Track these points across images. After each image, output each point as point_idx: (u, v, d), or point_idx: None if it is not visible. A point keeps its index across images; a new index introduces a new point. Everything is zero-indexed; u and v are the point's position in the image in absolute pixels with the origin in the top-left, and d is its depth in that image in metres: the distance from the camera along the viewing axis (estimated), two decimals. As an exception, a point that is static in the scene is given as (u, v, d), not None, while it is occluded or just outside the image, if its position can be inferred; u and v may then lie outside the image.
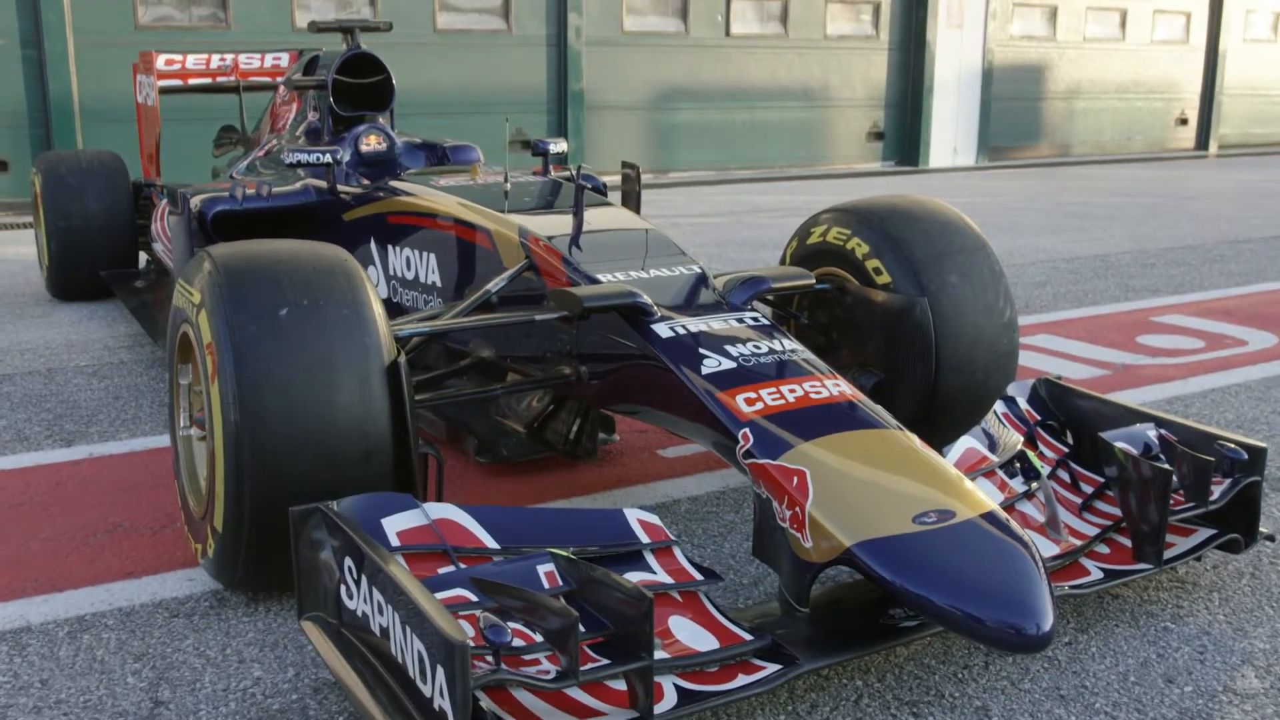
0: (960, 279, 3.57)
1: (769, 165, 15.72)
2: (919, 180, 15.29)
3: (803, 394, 2.78)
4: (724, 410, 2.73)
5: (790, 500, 2.50)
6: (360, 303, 2.82)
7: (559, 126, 14.23)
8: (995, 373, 3.61)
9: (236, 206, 4.50)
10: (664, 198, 13.00)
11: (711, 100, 15.22)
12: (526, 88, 13.92)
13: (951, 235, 3.67)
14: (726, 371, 2.84)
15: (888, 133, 16.56)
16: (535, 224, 3.56)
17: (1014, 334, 3.67)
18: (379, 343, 2.79)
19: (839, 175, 15.70)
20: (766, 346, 2.96)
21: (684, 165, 15.22)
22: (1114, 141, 19.05)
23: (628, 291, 3.02)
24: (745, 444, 2.64)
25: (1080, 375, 5.13)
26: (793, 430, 2.65)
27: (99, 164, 6.82)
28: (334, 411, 2.70)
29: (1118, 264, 8.23)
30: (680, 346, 2.93)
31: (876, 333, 3.64)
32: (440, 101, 13.02)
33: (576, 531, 2.57)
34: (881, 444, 2.65)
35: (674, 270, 3.34)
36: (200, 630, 2.84)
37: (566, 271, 3.31)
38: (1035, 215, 11.18)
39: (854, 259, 3.69)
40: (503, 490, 3.75)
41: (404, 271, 4.14)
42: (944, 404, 3.57)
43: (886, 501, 2.45)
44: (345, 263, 2.92)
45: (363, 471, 2.75)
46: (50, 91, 11.03)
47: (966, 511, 2.43)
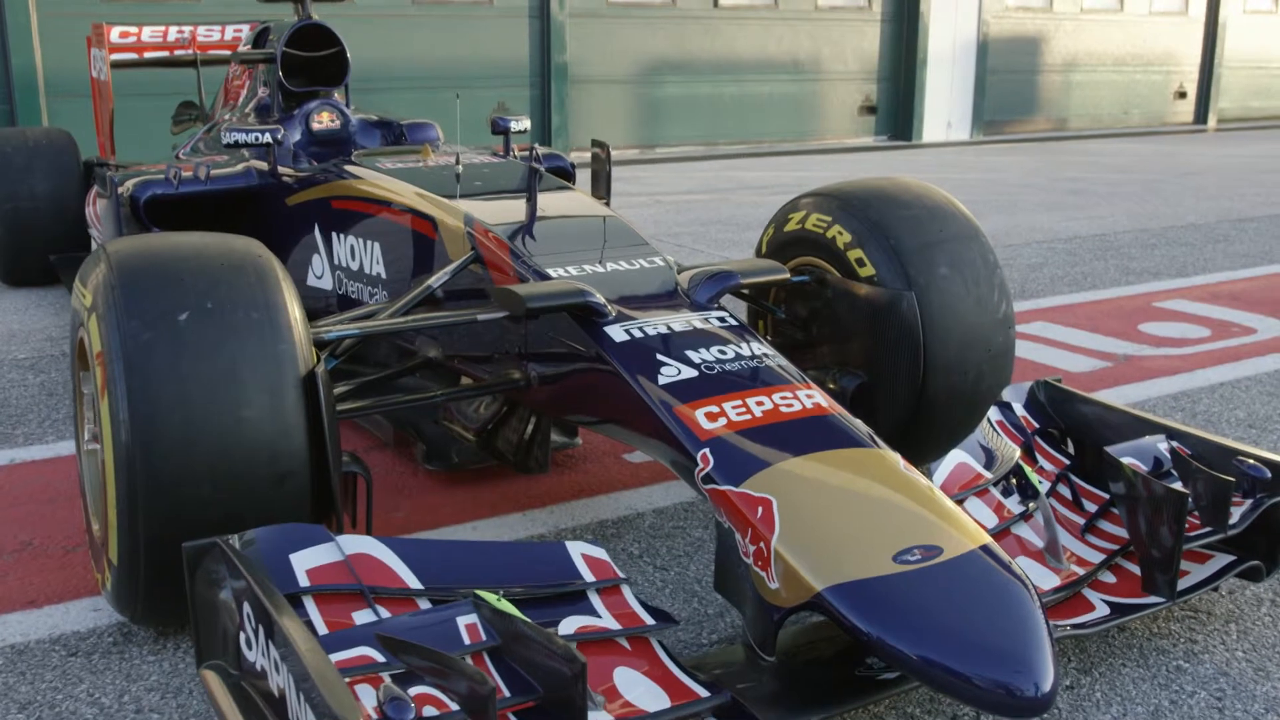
0: (950, 270, 3.25)
1: (758, 140, 15.36)
2: (912, 155, 14.95)
3: (771, 407, 2.47)
4: (682, 427, 2.41)
5: (754, 534, 2.19)
6: (273, 305, 2.50)
7: (542, 101, 13.86)
8: (989, 374, 3.30)
9: (171, 191, 4.16)
10: (649, 174, 12.66)
11: (699, 73, 14.84)
12: (508, 61, 13.53)
13: (941, 222, 3.34)
14: (686, 381, 2.52)
15: (880, 106, 16.19)
16: (484, 211, 3.23)
17: (1010, 331, 3.35)
18: (294, 350, 2.47)
19: (830, 150, 15.35)
20: (733, 351, 2.64)
21: (671, 140, 14.85)
22: (1111, 115, 18.68)
23: (577, 289, 2.70)
24: (705, 466, 2.33)
25: (1080, 368, 4.82)
26: (759, 451, 2.33)
27: (47, 142, 6.47)
28: (240, 430, 2.38)
29: (1118, 244, 7.91)
30: (635, 352, 2.62)
31: (859, 330, 3.32)
32: (418, 75, 12.64)
33: (511, 569, 2.25)
34: (860, 466, 2.34)
35: (634, 263, 3.02)
36: (98, 672, 2.54)
37: (514, 265, 2.98)
38: (1032, 192, 10.85)
39: (834, 248, 3.37)
40: (452, 501, 3.44)
41: (349, 261, 3.81)
42: (933, 408, 3.25)
43: (864, 536, 2.14)
44: (258, 259, 2.60)
45: (275, 497, 2.43)
46: (13, 65, 10.63)
47: (956, 546, 2.13)
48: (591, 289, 2.72)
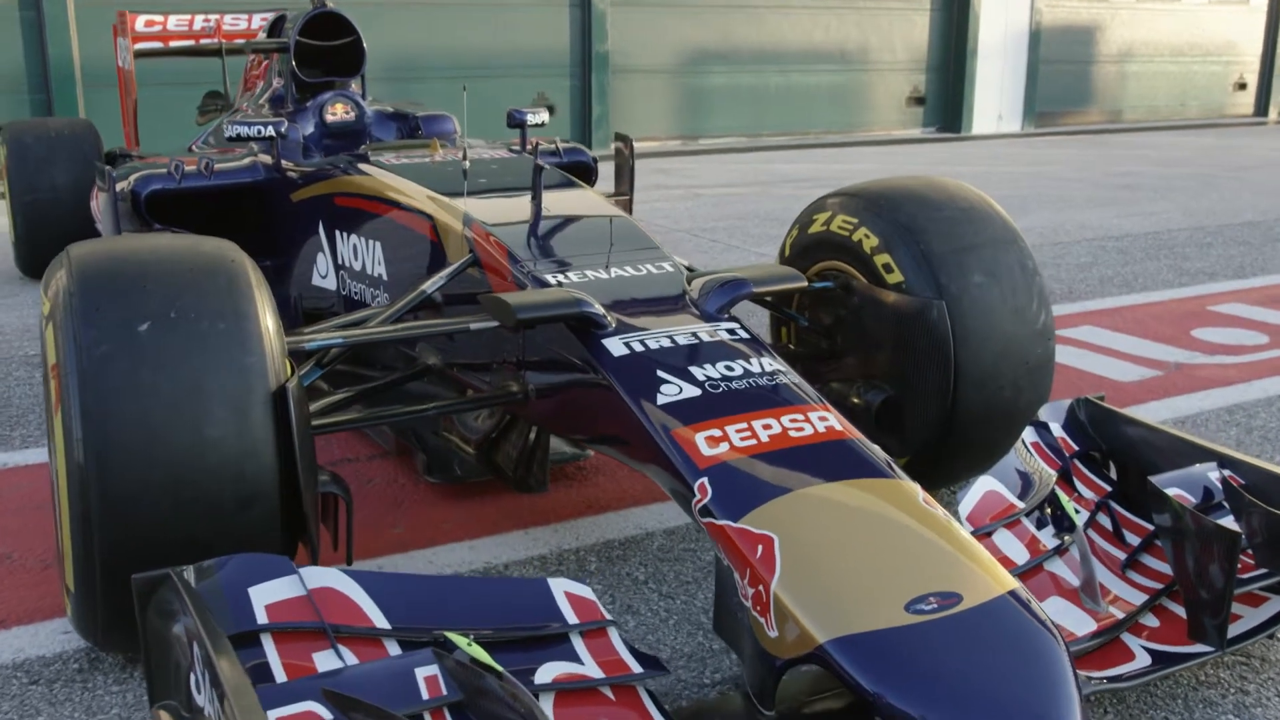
0: (985, 278, 3.02)
1: (804, 131, 15.08)
2: (961, 148, 14.59)
3: (779, 431, 2.25)
4: (680, 452, 2.21)
5: (753, 575, 1.98)
6: (242, 314, 2.32)
7: (583, 91, 13.68)
8: (1026, 389, 3.06)
9: (173, 185, 4.01)
10: (690, 166, 12.44)
11: (744, 63, 14.59)
12: (548, 50, 13.36)
13: (976, 225, 3.11)
14: (688, 401, 2.32)
15: (929, 98, 15.83)
16: (484, 211, 3.04)
17: (1049, 342, 3.11)
18: (263, 363, 2.29)
19: (877, 142, 15.04)
20: (741, 367, 2.43)
21: (715, 131, 14.62)
22: (1168, 107, 18.16)
23: (573, 299, 2.50)
24: (702, 497, 2.12)
25: (1127, 377, 4.55)
26: (762, 482, 2.12)
27: (69, 133, 6.37)
28: (203, 449, 2.21)
29: (1171, 242, 7.58)
30: (634, 367, 2.41)
31: (886, 340, 3.09)
32: (456, 65, 12.51)
33: (486, 608, 2.06)
34: (874, 499, 2.12)
35: (640, 269, 2.81)
36: (58, 703, 2.38)
37: (512, 270, 2.79)
38: (1083, 187, 10.50)
39: (861, 252, 3.14)
40: (452, 516, 3.26)
41: (352, 261, 3.64)
42: (965, 427, 3.02)
43: (874, 581, 1.93)
44: (231, 264, 2.42)
45: (242, 522, 2.26)
46: (50, 55, 10.62)
47: (977, 593, 1.90)
48: (589, 298, 2.52)
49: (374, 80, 12.77)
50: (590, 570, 2.94)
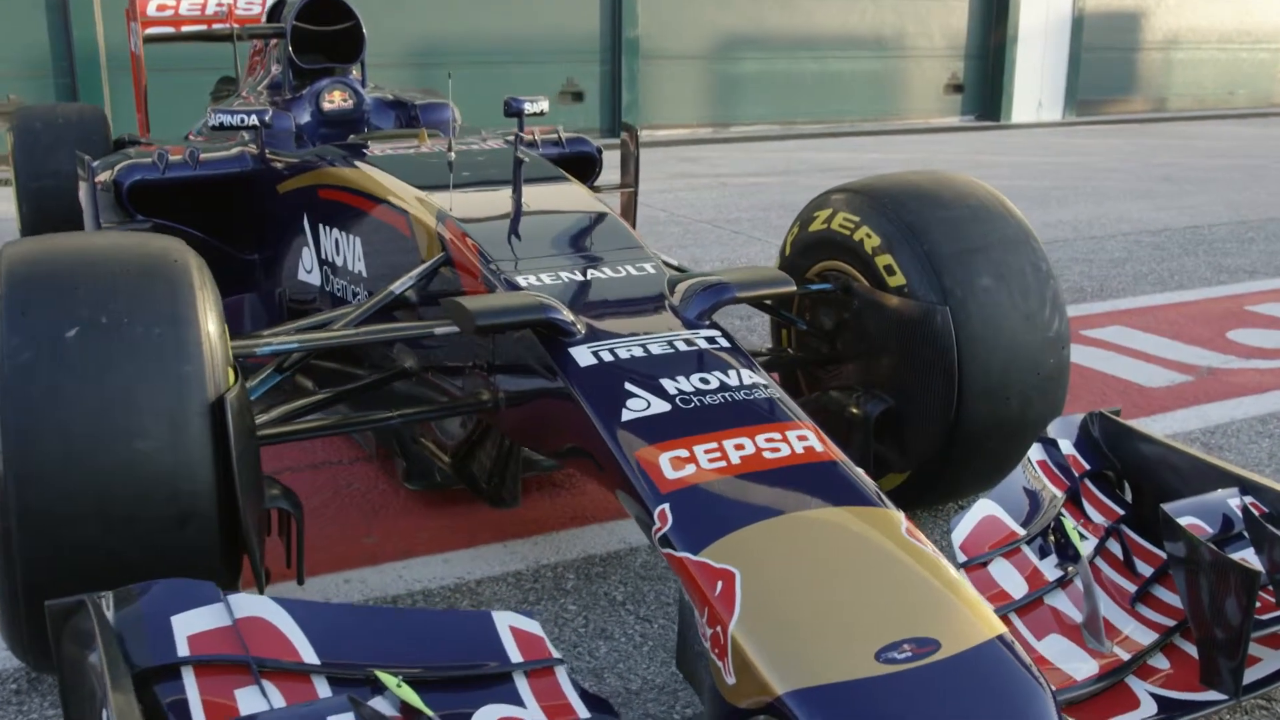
0: (994, 281, 2.82)
1: (838, 119, 14.78)
2: (999, 136, 14.26)
3: (753, 452, 2.07)
4: (641, 474, 2.03)
5: (711, 614, 1.80)
6: (181, 319, 2.16)
7: (612, 77, 13.47)
8: (1037, 401, 2.86)
9: (157, 175, 3.87)
10: (720, 154, 12.22)
11: (777, 49, 14.31)
12: (577, 35, 13.16)
13: (986, 225, 2.91)
14: (655, 417, 2.14)
15: (967, 85, 15.48)
16: (460, 206, 2.87)
17: (1063, 351, 2.91)
18: (202, 371, 2.14)
19: (914, 130, 14.72)
20: (717, 380, 2.25)
21: (746, 119, 14.36)
22: (1215, 95, 17.66)
23: (538, 304, 2.33)
24: (662, 526, 1.95)
25: (1155, 382, 4.32)
26: (728, 508, 1.95)
27: (77, 119, 6.25)
28: (134, 464, 2.06)
29: (1211, 237, 7.29)
30: (600, 378, 2.24)
31: (888, 346, 2.91)
32: (482, 50, 12.35)
33: (424, 642, 1.90)
34: (851, 530, 1.93)
35: (619, 270, 2.64)
36: (-11, 727, 2.25)
37: (482, 270, 2.62)
38: (1123, 178, 10.18)
39: (862, 253, 2.95)
40: (428, 526, 3.10)
41: (334, 256, 3.49)
42: (970, 440, 2.83)
43: (843, 625, 1.75)
44: (173, 265, 2.27)
45: (176, 542, 2.11)
46: (75, 39, 10.56)
47: (958, 639, 1.72)
48: (556, 303, 2.35)
49: (397, 66, 12.72)
50: (567, 589, 2.78)
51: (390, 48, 12.02)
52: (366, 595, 2.76)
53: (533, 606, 2.69)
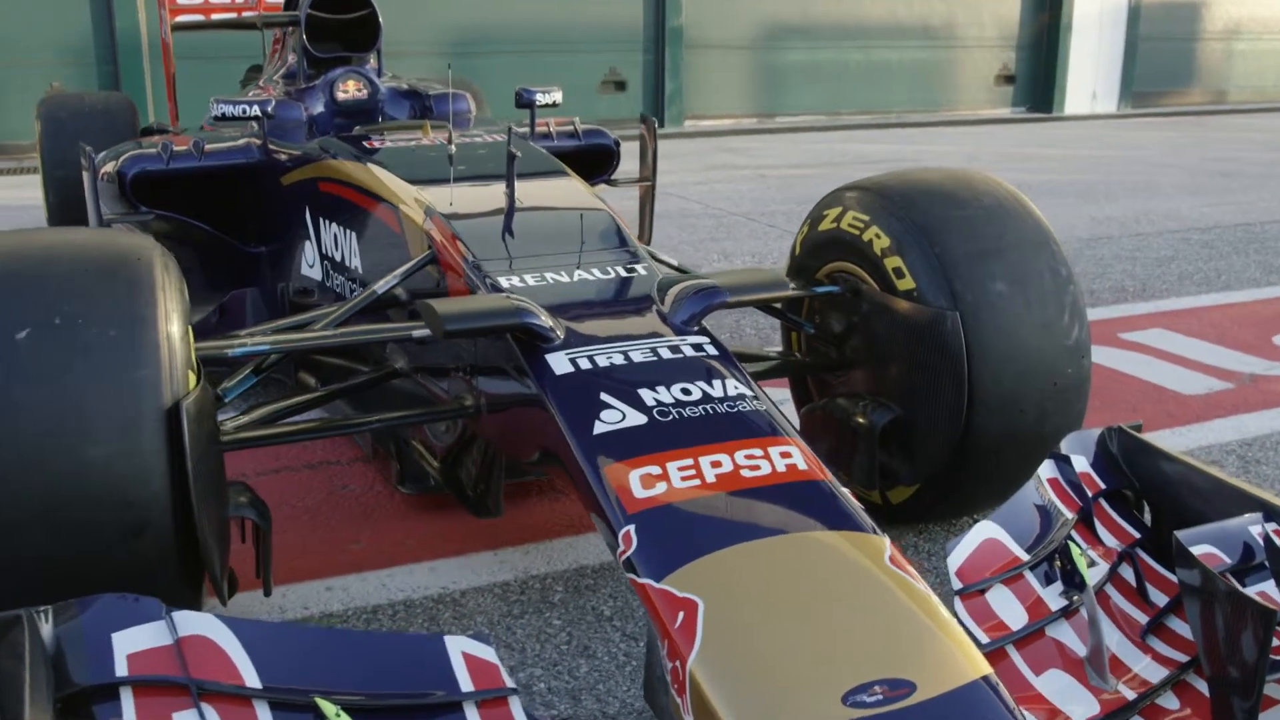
0: (1009, 286, 2.67)
1: (885, 110, 14.54)
2: (1051, 129, 13.95)
3: (730, 470, 1.95)
4: (609, 492, 1.92)
5: (671, 647, 1.68)
6: (139, 320, 2.08)
7: (656, 66, 13.33)
8: (1054, 413, 2.71)
9: (161, 166, 3.80)
10: (763, 145, 12.04)
11: (824, 38, 14.10)
12: (620, 24, 13.03)
13: (1001, 226, 2.75)
14: (630, 430, 2.02)
15: (1019, 76, 15.16)
16: (450, 202, 2.77)
17: (1083, 360, 2.75)
18: (158, 376, 2.05)
19: (963, 122, 14.43)
20: (700, 391, 2.13)
21: (792, 109, 14.17)
22: (1277, 87, 17.17)
23: (513, 308, 2.21)
24: (626, 548, 1.83)
25: (1192, 389, 4.12)
26: (697, 531, 1.82)
27: (103, 107, 6.24)
28: (84, 472, 1.97)
29: (1263, 235, 7.02)
30: (575, 387, 2.12)
31: (896, 353, 2.76)
32: (522, 39, 12.26)
33: (372, 668, 1.80)
34: (829, 557, 1.80)
35: (608, 271, 2.52)
36: (-56, 738, 2.18)
37: (465, 269, 2.52)
38: (1175, 173, 9.88)
39: (871, 254, 2.81)
40: (418, 532, 3.01)
41: (333, 251, 3.40)
42: (981, 454, 2.68)
43: (811, 662, 1.62)
44: (135, 263, 2.18)
45: (128, 552, 2.03)
46: (117, 28, 10.61)
47: (936, 681, 1.59)
48: (533, 307, 2.24)
49: (437, 55, 12.67)
50: (554, 601, 2.67)
51: (430, 36, 11.98)
52: (347, 605, 2.66)
53: (516, 620, 2.59)
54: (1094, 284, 5.69)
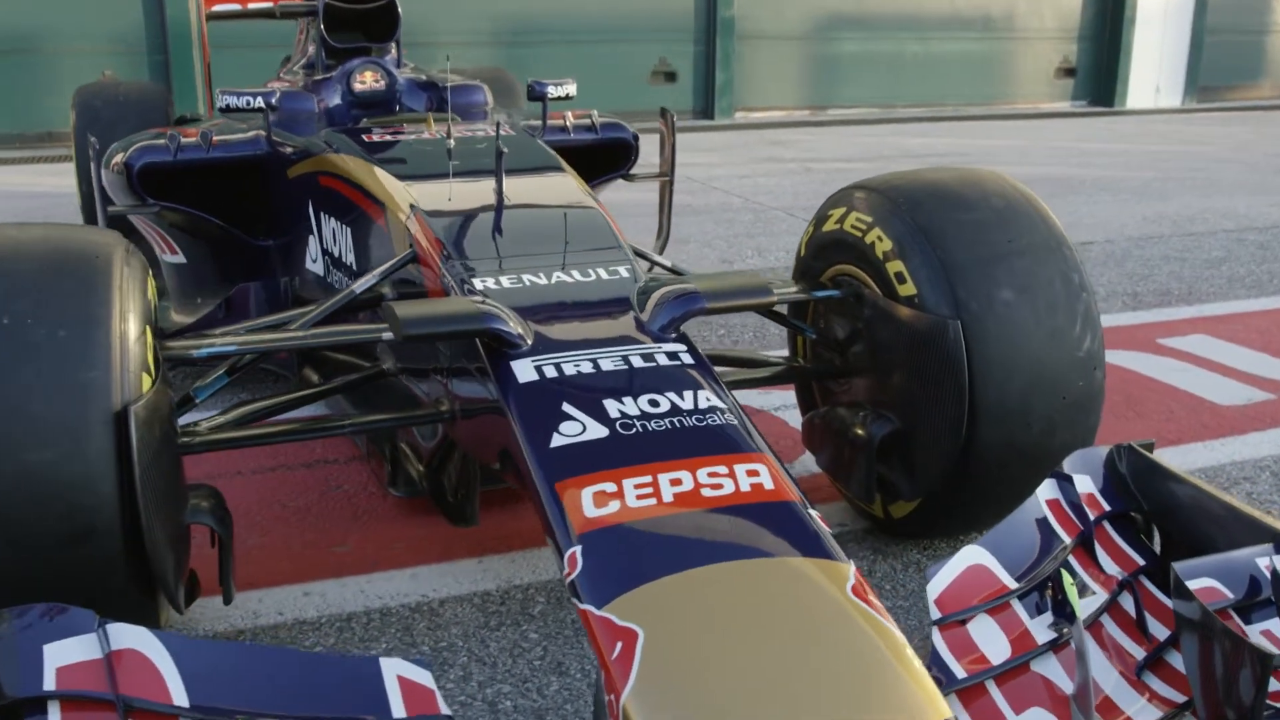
0: (1016, 294, 2.53)
1: (941, 103, 14.26)
2: (1112, 123, 13.59)
3: (691, 488, 1.84)
4: (558, 510, 1.82)
5: (608, 679, 1.59)
6: (91, 319, 2.02)
7: (707, 57, 13.18)
8: (1062, 428, 2.57)
9: (168, 159, 3.76)
10: (812, 138, 11.85)
11: (879, 29, 13.86)
12: (671, 13, 12.90)
13: (1011, 230, 2.61)
14: (589, 444, 1.92)
15: (1080, 68, 14.79)
16: (435, 199, 2.69)
17: (1095, 373, 2.60)
18: (107, 378, 1.99)
19: (1021, 116, 14.11)
20: (669, 402, 2.02)
21: (845, 101, 13.95)
22: (1352, 82, 16.61)
23: (478, 312, 2.12)
24: (571, 571, 1.73)
25: (1230, 399, 3.94)
26: (646, 555, 1.72)
27: (138, 97, 6.24)
28: (26, 477, 1.92)
29: (1324, 237, 6.75)
30: (537, 397, 2.03)
31: (898, 362, 2.64)
32: (571, 29, 12.17)
33: (302, 689, 1.72)
34: (785, 586, 1.69)
35: (589, 273, 2.42)
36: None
37: (442, 269, 2.43)
38: (1237, 170, 9.55)
39: (873, 257, 2.68)
40: (406, 536, 2.94)
41: (331, 246, 3.34)
42: (983, 469, 2.55)
43: (752, 701, 1.51)
44: (93, 261, 2.12)
45: (73, 560, 1.97)
46: (168, 16, 10.68)
47: (890, 726, 1.48)
48: (501, 311, 2.15)
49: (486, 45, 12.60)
50: (533, 613, 2.58)
51: (479, 25, 11.94)
52: (322, 612, 2.60)
53: (491, 633, 2.50)
54: (1137, 286, 5.49)
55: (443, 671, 2.36)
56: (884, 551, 2.87)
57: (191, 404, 2.46)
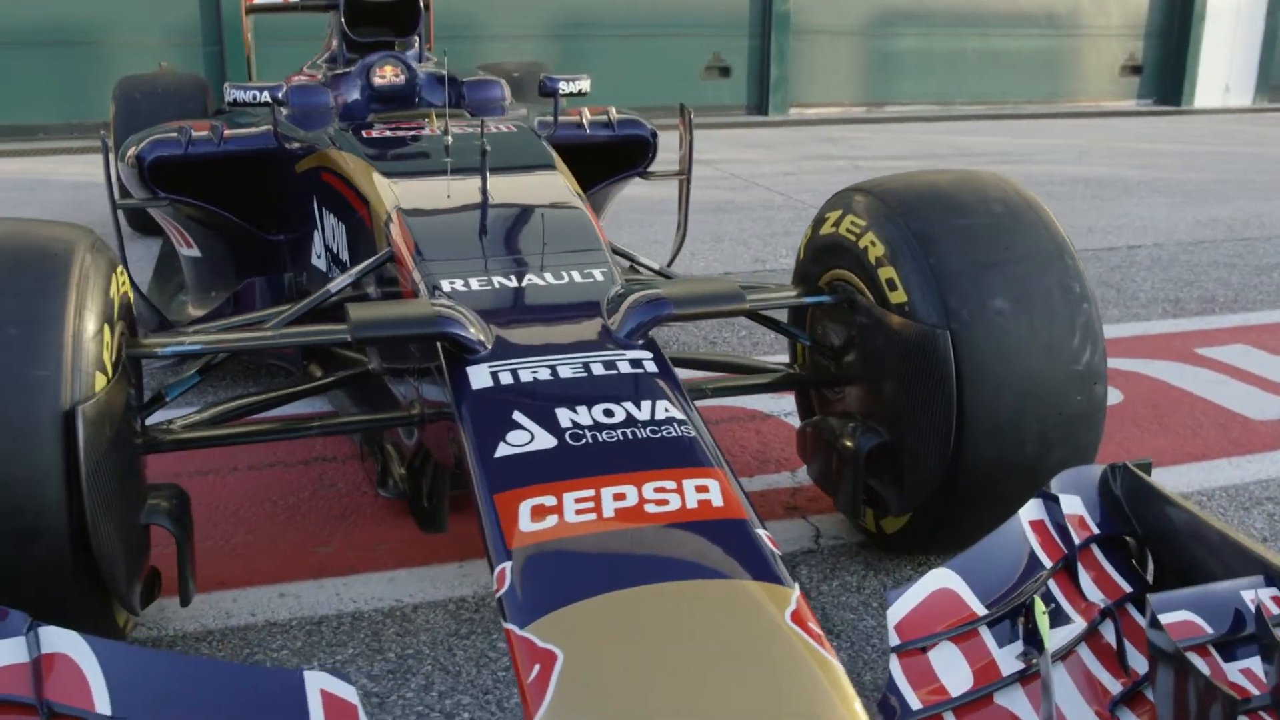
0: (1011, 304, 2.42)
1: (1001, 101, 13.99)
2: (1178, 122, 13.24)
3: (635, 504, 1.77)
4: (494, 522, 1.76)
5: (525, 703, 1.52)
6: (42, 318, 2.00)
7: (762, 52, 13.05)
8: (1058, 445, 2.45)
9: (180, 152, 3.76)
10: (866, 136, 11.68)
11: (938, 24, 13.62)
12: (726, 8, 12.78)
13: (1009, 237, 2.50)
14: (535, 455, 1.86)
15: (1146, 66, 14.42)
16: (417, 198, 2.64)
17: (1095, 388, 2.48)
18: (58, 377, 1.97)
19: (1084, 114, 13.80)
20: (624, 412, 1.95)
21: (902, 98, 13.74)
22: None
23: (433, 316, 2.07)
24: (499, 588, 1.67)
25: (1264, 414, 3.77)
26: (578, 573, 1.65)
27: (176, 88, 6.30)
28: (-31, 475, 1.91)
29: (1387, 244, 6.48)
30: (489, 405, 1.97)
31: (888, 372, 2.55)
32: (624, 23, 12.09)
33: (224, 702, 1.68)
34: (719, 610, 1.61)
35: (562, 276, 2.36)
36: None
37: (414, 269, 2.38)
38: (1303, 172, 9.24)
39: (866, 263, 2.59)
40: (391, 538, 2.90)
41: (331, 242, 3.31)
42: (975, 485, 2.45)
43: (666, 733, 1.44)
44: (53, 257, 2.10)
45: (18, 561, 1.95)
46: (223, 6, 10.79)
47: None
48: (461, 315, 2.09)
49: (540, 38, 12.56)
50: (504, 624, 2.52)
51: (532, 19, 11.92)
52: (294, 614, 2.57)
53: (460, 641, 2.45)
54: (1181, 292, 5.30)
55: (404, 680, 2.31)
56: (876, 567, 2.78)
57: (162, 402, 2.44)
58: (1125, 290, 5.35)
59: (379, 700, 2.25)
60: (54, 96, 10.61)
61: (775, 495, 3.17)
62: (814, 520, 3.01)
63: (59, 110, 10.54)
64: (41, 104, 10.60)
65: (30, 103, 10.59)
